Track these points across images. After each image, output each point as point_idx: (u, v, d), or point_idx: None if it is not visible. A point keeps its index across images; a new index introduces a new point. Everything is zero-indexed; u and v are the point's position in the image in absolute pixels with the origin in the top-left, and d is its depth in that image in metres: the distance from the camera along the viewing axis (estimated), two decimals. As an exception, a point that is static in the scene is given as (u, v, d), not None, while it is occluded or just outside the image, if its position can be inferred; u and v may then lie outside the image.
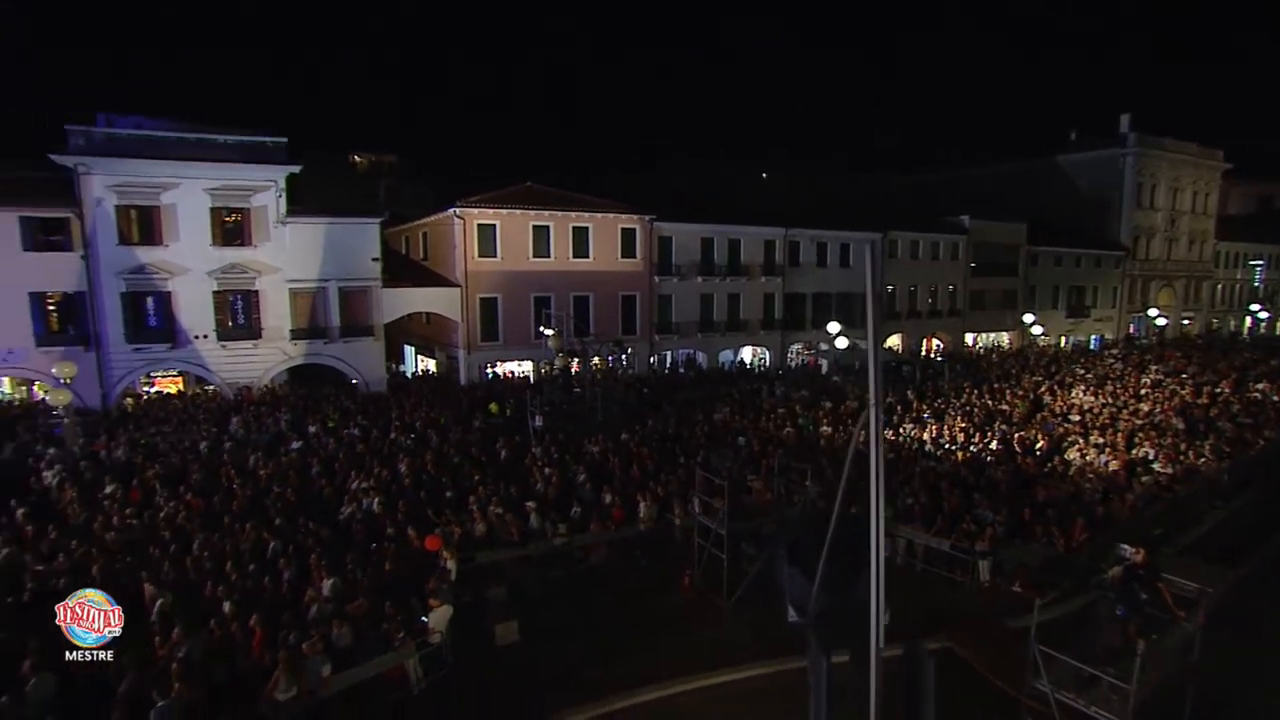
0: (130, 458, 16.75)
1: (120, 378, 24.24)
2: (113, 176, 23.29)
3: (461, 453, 16.44)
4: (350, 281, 26.44)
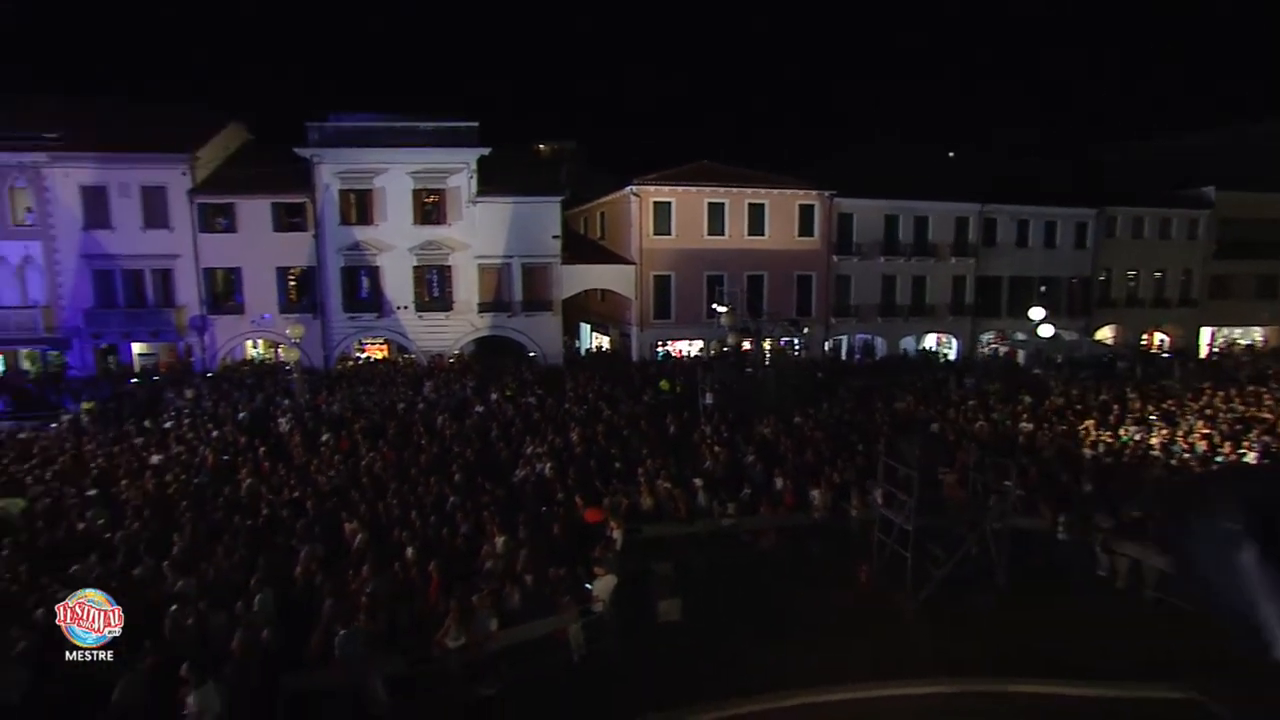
0: (342, 412, 18.74)
1: (338, 342, 27.39)
2: (338, 165, 26.20)
3: (631, 426, 16.50)
4: (532, 258, 27.69)
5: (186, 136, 27.02)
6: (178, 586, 7.86)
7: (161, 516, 10.56)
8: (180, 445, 15.16)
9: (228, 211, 26.86)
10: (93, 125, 26.81)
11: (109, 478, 13.05)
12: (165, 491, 11.94)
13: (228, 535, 9.70)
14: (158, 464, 13.85)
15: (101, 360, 27.32)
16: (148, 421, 17.94)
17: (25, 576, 8.82)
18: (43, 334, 26.71)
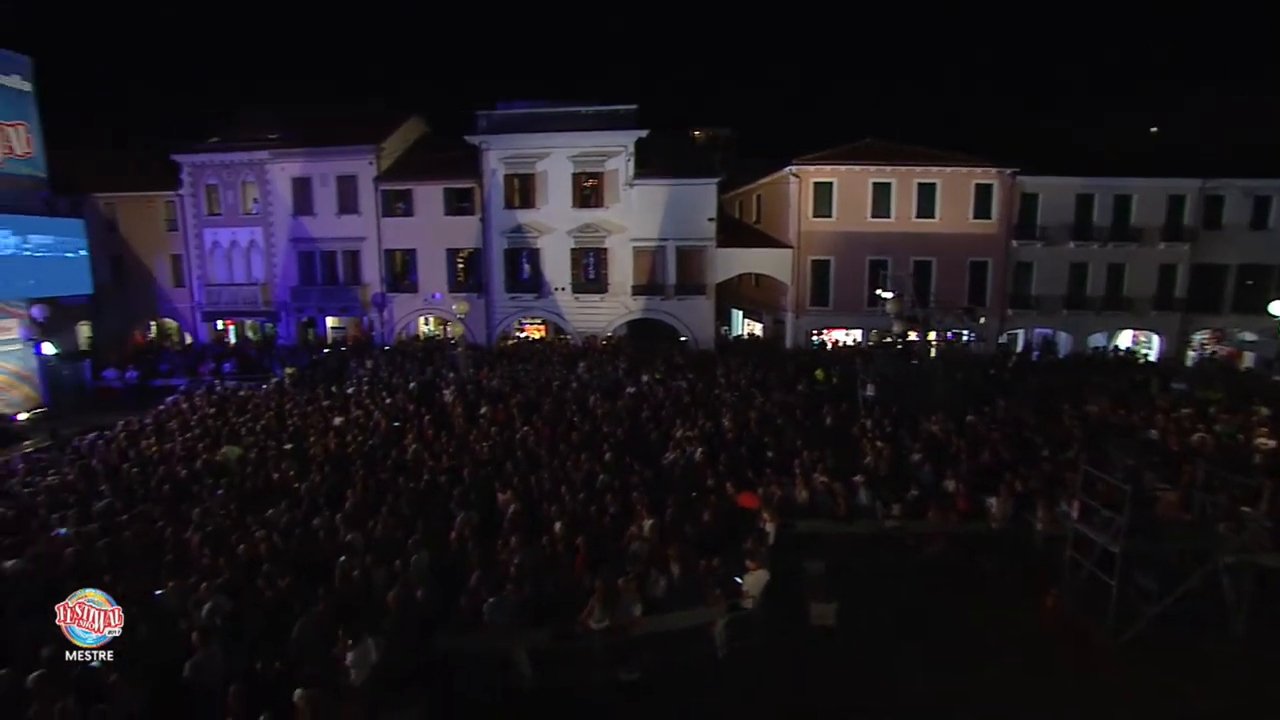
0: (501, 387, 19.57)
1: (500, 321, 28.78)
2: (504, 150, 27.38)
3: (785, 415, 15.72)
4: (687, 241, 27.38)
5: (373, 131, 29.53)
6: (348, 539, 8.39)
7: (339, 473, 11.45)
8: (359, 410, 16.50)
9: (406, 197, 29.06)
10: (301, 126, 30.10)
11: (302, 435, 14.46)
12: (344, 450, 12.99)
13: (391, 495, 10.28)
14: (339, 425, 15.15)
15: (303, 332, 30.74)
16: (334, 387, 19.79)
17: (234, 515, 9.91)
18: (261, 307, 30.53)
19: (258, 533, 8.88)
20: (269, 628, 6.72)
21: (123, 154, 32.52)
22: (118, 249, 31.28)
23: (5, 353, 22.35)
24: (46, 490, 11.40)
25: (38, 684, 5.65)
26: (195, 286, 31.14)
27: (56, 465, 13.13)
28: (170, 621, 6.74)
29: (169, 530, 9.01)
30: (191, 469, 12.16)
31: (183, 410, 17.34)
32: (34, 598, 7.47)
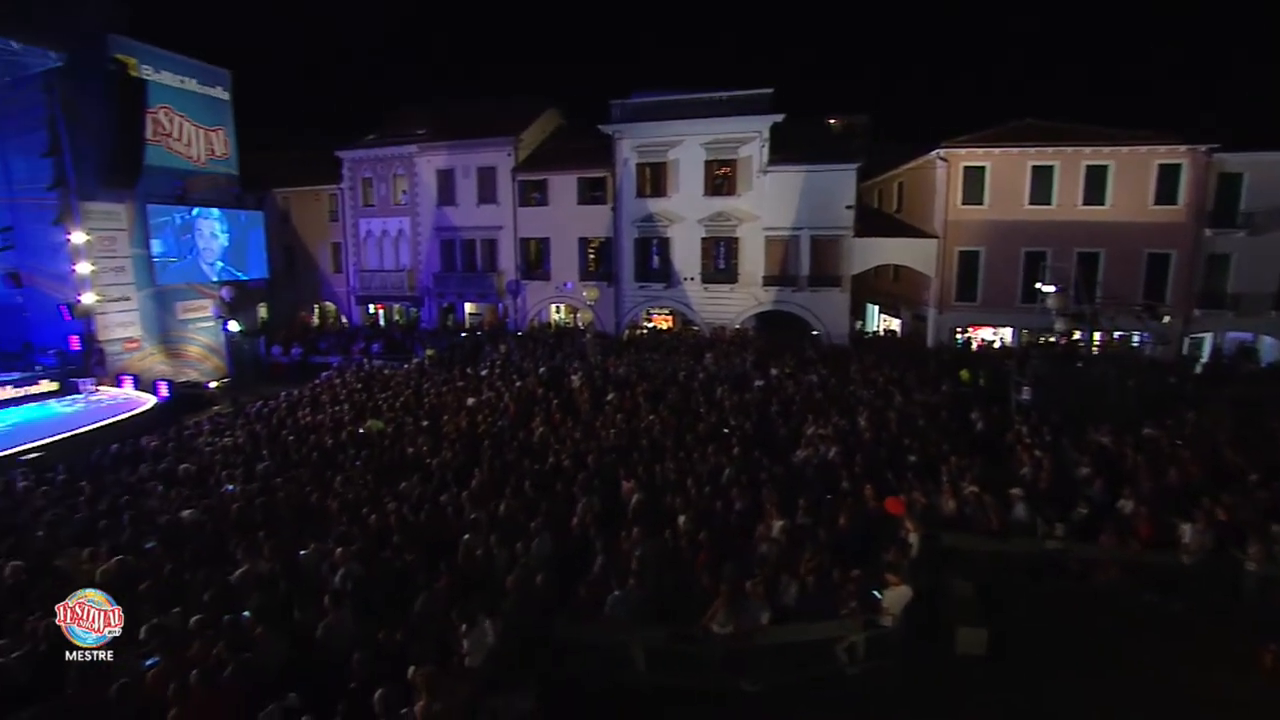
0: (627, 375, 19.55)
1: (628, 310, 28.89)
2: (636, 139, 27.36)
3: (929, 417, 14.48)
4: (822, 230, 26.14)
5: (512, 123, 30.52)
6: (472, 517, 8.50)
7: (469, 451, 11.76)
8: (490, 391, 17.03)
9: (541, 187, 29.83)
10: (447, 121, 31.73)
11: (437, 413, 15.10)
12: (474, 430, 13.38)
13: (516, 477, 10.37)
14: (471, 405, 15.70)
15: (443, 317, 32.49)
16: (469, 369, 20.62)
17: (371, 485, 10.41)
18: (407, 293, 32.60)
19: (390, 504, 9.23)
20: (394, 599, 6.85)
21: (296, 153, 35.76)
22: (290, 239, 34.54)
23: (201, 329, 25.24)
24: (222, 450, 12.59)
25: (199, 626, 6.08)
26: (351, 272, 33.76)
27: (232, 429, 14.50)
28: (309, 582, 7.07)
29: (314, 495, 9.59)
30: (337, 439, 12.98)
31: (334, 385, 18.72)
32: (205, 546, 8.15)
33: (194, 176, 24.45)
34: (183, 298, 24.34)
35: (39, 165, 20.46)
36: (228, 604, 6.51)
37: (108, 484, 10.72)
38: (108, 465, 11.99)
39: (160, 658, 5.57)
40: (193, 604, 6.58)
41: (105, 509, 9.41)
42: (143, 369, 21.74)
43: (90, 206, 20.82)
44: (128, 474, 11.17)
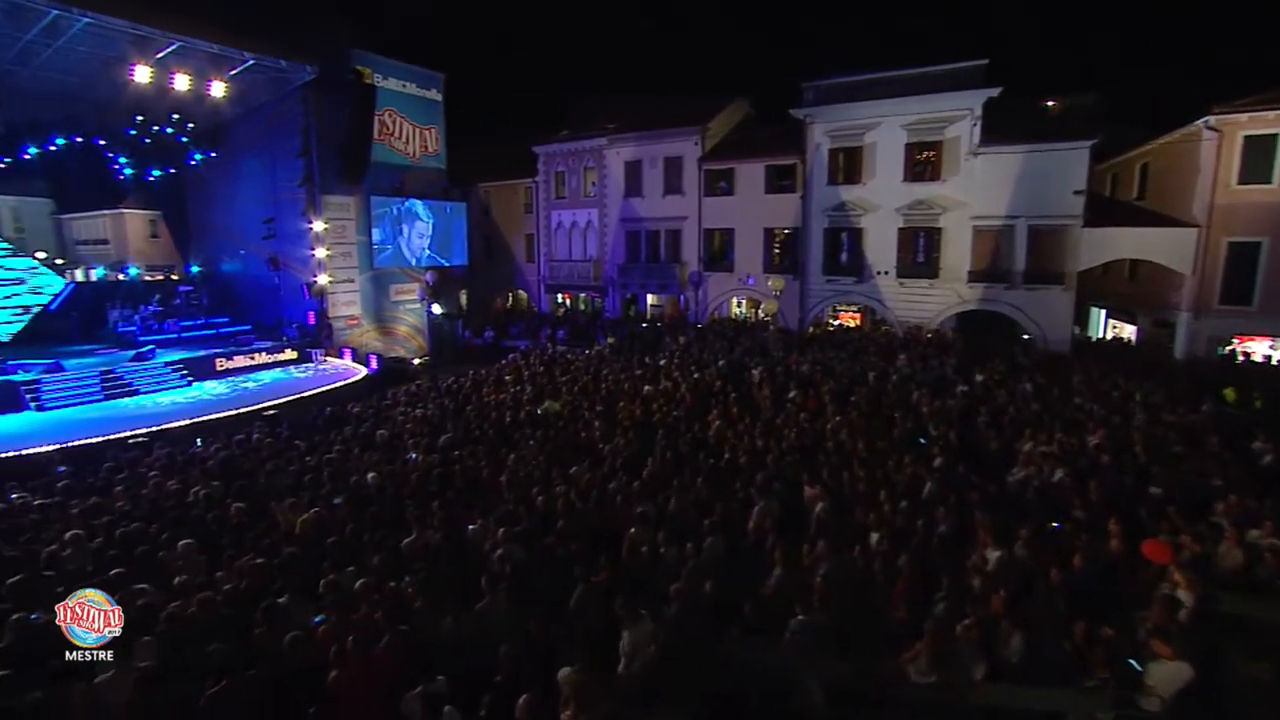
0: (811, 373, 18.21)
1: (814, 306, 27.27)
2: (829, 123, 25.63)
3: (1188, 443, 11.71)
4: (1043, 219, 22.73)
5: (699, 113, 30.04)
6: (640, 511, 7.96)
7: (642, 439, 11.33)
8: (667, 381, 16.61)
9: (727, 176, 29.05)
10: (635, 113, 32.04)
11: (613, 399, 14.95)
12: (649, 418, 12.96)
13: (689, 470, 9.72)
14: (647, 394, 15.37)
15: (625, 307, 32.95)
16: (648, 358, 20.45)
17: (543, 466, 10.33)
18: (592, 282, 33.48)
19: (559, 487, 8.99)
20: (550, 588, 6.45)
21: (498, 150, 38.17)
22: (489, 229, 36.97)
23: (409, 310, 27.73)
24: (413, 420, 13.35)
25: (365, 590, 6.10)
26: (542, 262, 35.36)
27: (425, 402, 15.44)
28: (472, 560, 6.92)
29: (486, 470, 9.64)
30: (516, 417, 13.21)
31: (518, 366, 19.42)
32: (385, 510, 8.41)
33: (409, 171, 26.82)
34: (395, 281, 26.84)
35: (294, 165, 23.49)
36: (395, 570, 6.51)
37: (316, 442, 11.73)
38: (319, 426, 13.20)
39: (329, 616, 5.60)
40: (366, 566, 6.68)
41: (312, 465, 10.20)
42: (360, 344, 24.22)
43: (328, 199, 23.54)
44: (335, 435, 12.15)
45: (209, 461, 10.53)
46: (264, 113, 23.73)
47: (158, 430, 14.17)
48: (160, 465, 10.48)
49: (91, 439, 13.48)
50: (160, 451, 11.40)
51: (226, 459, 10.72)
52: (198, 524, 7.91)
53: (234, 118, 23.97)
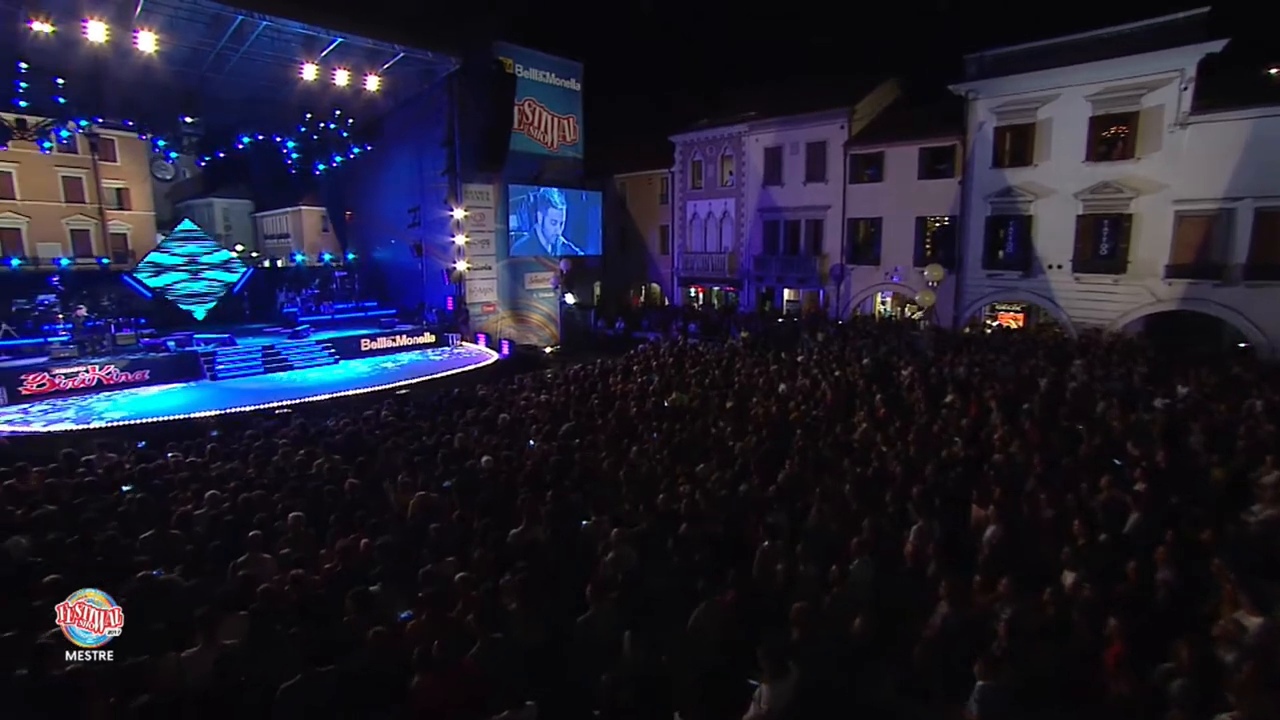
0: (969, 376, 16.15)
1: (971, 303, 24.58)
2: (996, 98, 22.88)
3: None
4: (1274, 200, 18.87)
5: (846, 94, 28.02)
6: (772, 521, 6.89)
7: (777, 439, 10.20)
8: (805, 378, 15.27)
9: (876, 161, 26.89)
10: (776, 98, 30.51)
11: (745, 394, 13.88)
12: (785, 416, 11.79)
13: (831, 476, 8.50)
14: (783, 391, 14.17)
15: (761, 302, 31.59)
16: (784, 354, 19.12)
17: (666, 461, 9.50)
18: (726, 275, 32.40)
19: (683, 486, 8.11)
20: (667, 604, 5.56)
21: (636, 141, 37.92)
22: (624, 221, 36.82)
23: (543, 298, 28.02)
24: (536, 406, 13.01)
25: (461, 585, 5.54)
26: (676, 254, 34.70)
27: (550, 388, 15.12)
28: (582, 560, 6.19)
29: (606, 462, 8.93)
30: (641, 408, 12.48)
31: (647, 356, 18.77)
32: (496, 497, 7.92)
33: (547, 160, 27.04)
34: (530, 269, 27.18)
35: (438, 154, 24.32)
36: (497, 565, 5.90)
37: (438, 423, 11.63)
38: (443, 406, 13.18)
39: (417, 610, 5.07)
40: (469, 558, 6.14)
41: (430, 445, 10.01)
42: (494, 330, 24.69)
43: (469, 187, 24.15)
44: (457, 416, 12.01)
45: (337, 435, 10.66)
46: (413, 106, 24.76)
47: (299, 403, 14.90)
48: (293, 436, 10.74)
49: (244, 407, 14.38)
50: (296, 422, 11.79)
51: (352, 434, 10.83)
52: (314, 496, 7.82)
53: (386, 111, 25.23)
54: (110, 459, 9.66)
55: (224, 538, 6.48)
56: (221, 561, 6.14)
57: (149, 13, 17.17)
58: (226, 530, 6.66)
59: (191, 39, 18.76)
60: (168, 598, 5.42)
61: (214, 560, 6.16)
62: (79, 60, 18.22)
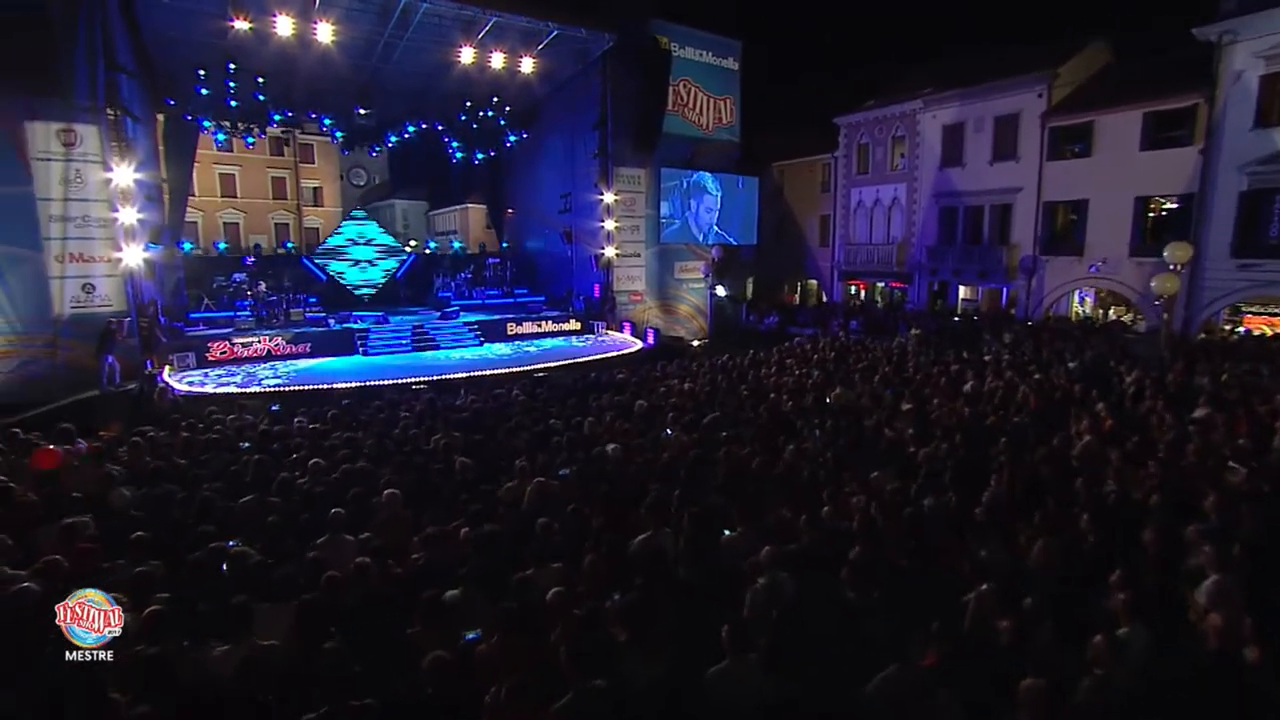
0: (1215, 389, 12.70)
1: (1210, 301, 20.09)
2: (1264, 37, 18.28)
3: None
4: None
5: (1045, 59, 24.13)
6: (982, 553, 5.00)
7: (972, 448, 8.09)
8: (997, 380, 12.73)
9: (1082, 133, 22.90)
10: (958, 71, 27.14)
11: (923, 394, 11.70)
12: (979, 419, 9.56)
13: (1055, 499, 6.35)
14: (969, 391, 11.82)
15: (932, 300, 28.33)
16: (965, 352, 16.44)
17: (830, 465, 7.78)
18: (894, 269, 29.43)
19: (854, 496, 6.38)
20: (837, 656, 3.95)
21: (794, 127, 35.66)
22: (781, 211, 34.71)
23: (692, 289, 26.74)
24: (677, 394, 11.68)
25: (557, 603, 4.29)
26: (837, 246, 32.10)
27: (695, 377, 13.76)
28: (721, 583, 4.71)
29: (756, 461, 7.36)
30: (799, 403, 10.74)
31: (805, 349, 16.86)
32: (619, 492, 6.66)
33: (702, 143, 25.68)
34: (680, 258, 25.96)
35: (590, 138, 23.79)
36: (610, 579, 4.59)
37: (569, 406, 10.62)
38: (576, 389, 12.20)
39: (494, 634, 3.86)
40: (577, 564, 4.88)
41: (556, 428, 8.98)
42: (640, 320, 23.74)
43: (620, 171, 23.38)
44: (591, 400, 10.96)
45: (464, 413, 9.95)
46: (567, 90, 24.44)
47: (436, 379, 14.68)
48: (417, 410, 10.19)
49: (382, 381, 14.38)
50: (425, 397, 11.31)
51: (478, 410, 10.09)
52: (420, 473, 6.99)
53: (542, 98, 25.12)
54: (247, 420, 9.62)
55: (315, 511, 5.73)
56: (306, 538, 5.36)
57: (326, 5, 17.93)
58: (319, 503, 5.91)
59: (364, 28, 19.47)
60: (232, 574, 4.67)
61: (298, 536, 5.40)
62: (268, 57, 19.49)
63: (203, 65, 19.57)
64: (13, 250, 14.03)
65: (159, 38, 18.72)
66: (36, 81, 13.56)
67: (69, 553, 4.98)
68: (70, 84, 14.21)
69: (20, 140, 13.92)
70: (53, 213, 14.40)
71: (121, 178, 14.77)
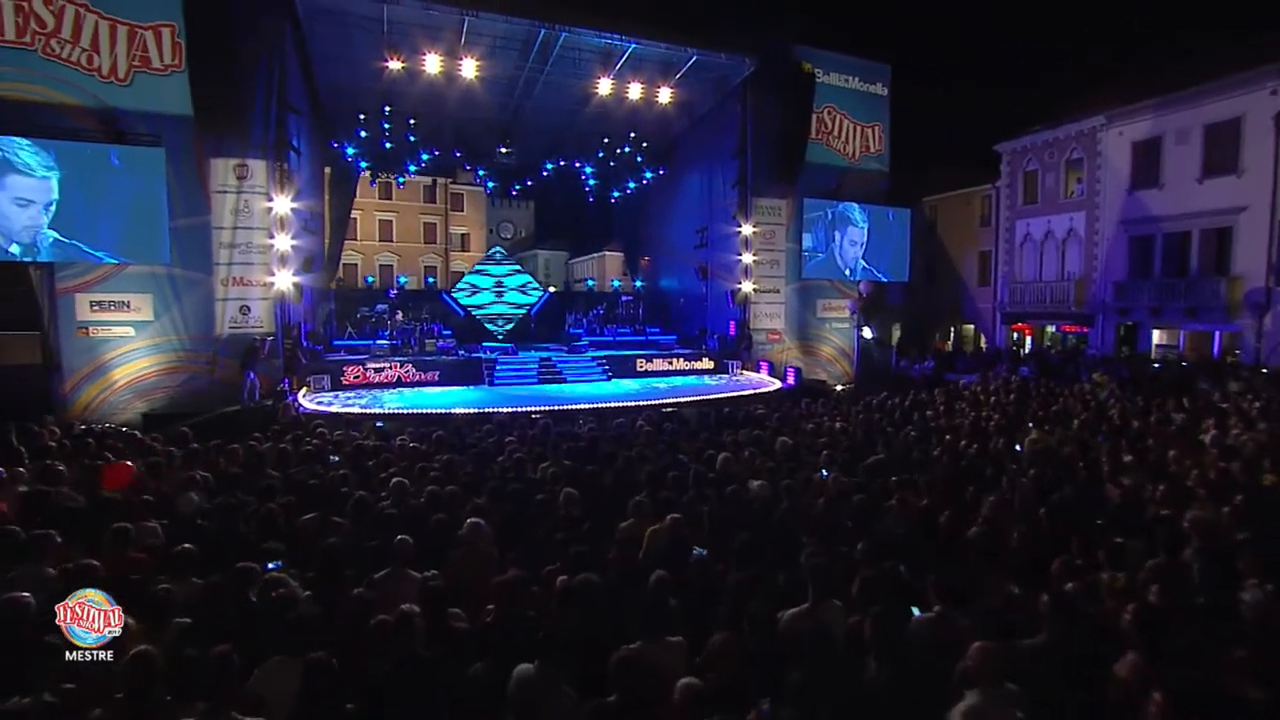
0: None
1: None
2: None
3: None
4: None
5: (1273, 49, 20.22)
6: None
7: (1241, 520, 5.74)
8: (1247, 431, 9.88)
9: (1338, 140, 18.81)
10: (1148, 78, 23.68)
11: (1146, 445, 9.17)
12: (1254, 480, 7.07)
13: None
14: (1211, 440, 9.17)
15: (1119, 343, 24.38)
16: (1186, 401, 13.32)
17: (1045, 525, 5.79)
18: (1071, 309, 25.80)
19: (1101, 573, 4.44)
20: None
21: (949, 158, 32.90)
22: (933, 249, 31.84)
23: (836, 329, 24.58)
24: (828, 434, 9.93)
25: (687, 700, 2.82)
26: (1000, 285, 28.77)
27: (846, 414, 11.94)
28: (916, 690, 3.05)
29: (944, 516, 5.51)
30: (984, 447, 8.64)
31: (974, 392, 14.43)
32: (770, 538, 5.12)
33: (848, 173, 23.88)
34: (823, 295, 24.01)
35: (729, 168, 22.79)
36: (755, 669, 3.07)
37: (702, 439, 9.17)
38: (708, 423, 10.72)
39: None
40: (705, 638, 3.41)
41: (685, 462, 7.56)
42: (779, 360, 22.02)
43: (759, 202, 22.12)
44: (726, 435, 9.47)
45: (581, 442, 8.81)
46: (704, 124, 23.75)
47: (556, 409, 13.81)
48: (528, 436, 9.19)
49: (500, 409, 13.69)
50: (540, 423, 10.31)
51: (595, 439, 8.90)
52: (518, 502, 5.82)
53: (679, 133, 24.61)
54: (351, 436, 9.07)
55: (382, 537, 4.68)
56: (366, 569, 4.30)
57: (471, 41, 18.41)
58: (392, 527, 4.85)
59: (506, 65, 19.84)
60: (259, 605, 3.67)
61: (358, 565, 4.35)
62: (418, 97, 20.33)
63: (363, 110, 20.79)
64: (191, 274, 15.11)
65: (327, 87, 20.14)
66: (223, 123, 14.61)
67: (118, 559, 4.38)
68: (249, 124, 15.24)
69: (204, 175, 15.15)
70: (223, 240, 15.42)
71: (280, 206, 15.53)
